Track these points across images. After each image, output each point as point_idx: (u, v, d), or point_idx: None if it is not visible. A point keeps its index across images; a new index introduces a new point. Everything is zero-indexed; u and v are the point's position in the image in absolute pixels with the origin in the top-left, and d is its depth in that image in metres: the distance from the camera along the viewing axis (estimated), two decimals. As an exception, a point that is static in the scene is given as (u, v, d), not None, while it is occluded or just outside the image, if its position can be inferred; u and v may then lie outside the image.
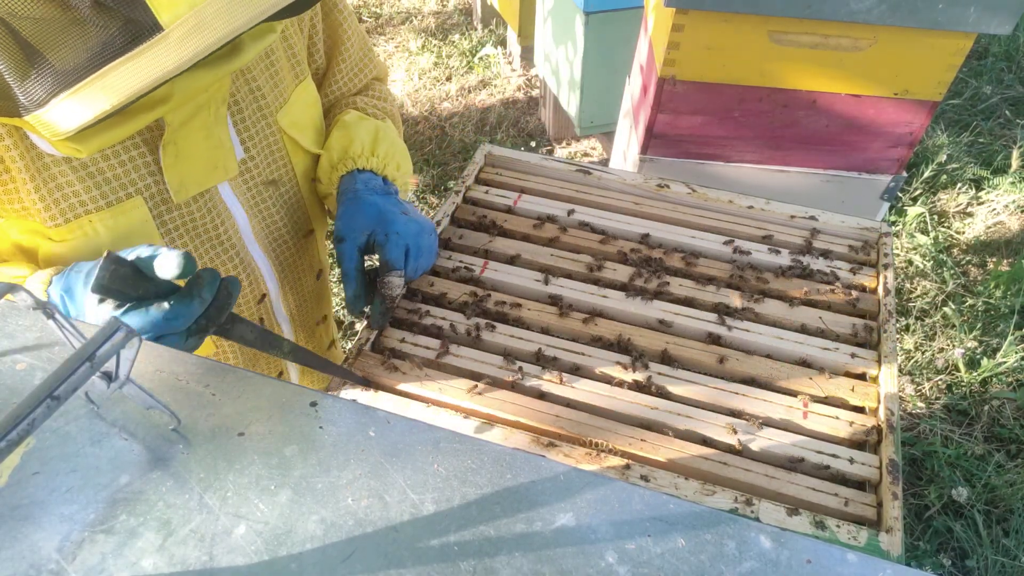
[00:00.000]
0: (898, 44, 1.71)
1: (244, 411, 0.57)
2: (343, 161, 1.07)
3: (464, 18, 4.72)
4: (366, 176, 1.06)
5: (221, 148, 0.91)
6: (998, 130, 3.65)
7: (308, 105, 1.05)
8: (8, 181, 0.80)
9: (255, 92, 0.95)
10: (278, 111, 0.99)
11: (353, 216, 1.00)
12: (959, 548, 2.20)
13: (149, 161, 0.86)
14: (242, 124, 0.95)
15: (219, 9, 0.62)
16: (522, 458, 0.55)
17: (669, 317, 1.11)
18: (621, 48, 2.92)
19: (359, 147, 1.07)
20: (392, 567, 0.47)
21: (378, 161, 1.08)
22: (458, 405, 0.98)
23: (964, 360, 2.61)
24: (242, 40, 0.82)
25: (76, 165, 0.82)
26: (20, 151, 0.78)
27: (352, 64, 1.15)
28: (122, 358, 0.50)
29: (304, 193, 1.09)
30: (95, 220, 0.85)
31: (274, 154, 1.01)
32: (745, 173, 2.04)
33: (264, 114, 0.97)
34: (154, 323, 0.71)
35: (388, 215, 1.01)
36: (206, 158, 0.89)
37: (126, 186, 0.85)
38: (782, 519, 0.86)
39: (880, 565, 0.49)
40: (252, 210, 1.00)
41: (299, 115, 1.03)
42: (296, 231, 1.10)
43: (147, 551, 0.47)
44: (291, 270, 1.12)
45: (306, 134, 1.05)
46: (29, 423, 0.43)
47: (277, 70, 0.98)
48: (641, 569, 0.48)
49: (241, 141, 0.95)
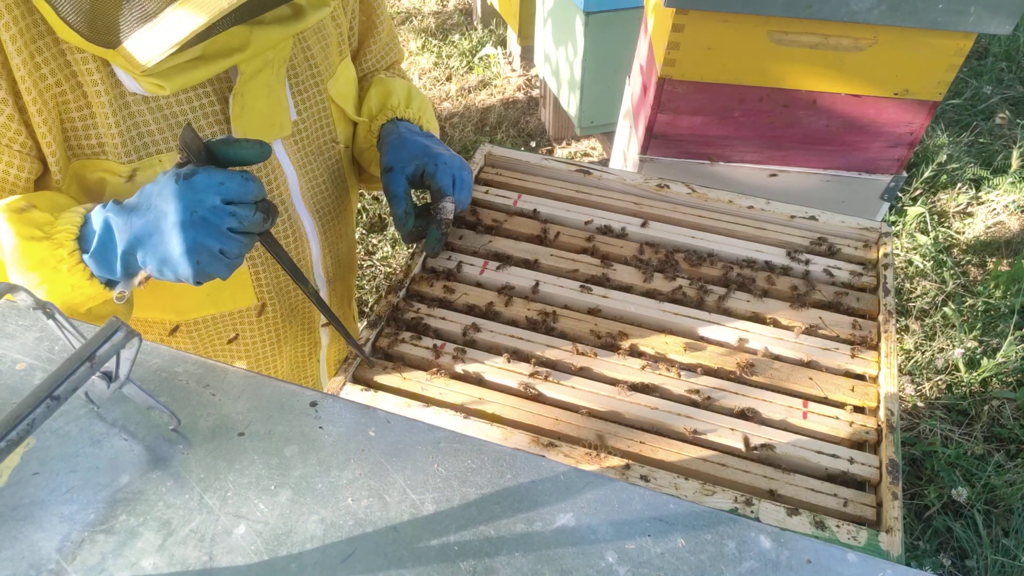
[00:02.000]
0: (898, 44, 1.71)
1: (244, 411, 0.56)
2: (383, 111, 1.16)
3: (464, 18, 4.72)
4: (405, 123, 1.15)
5: (279, 106, 0.98)
6: (998, 130, 3.65)
7: (350, 81, 1.13)
8: (89, 116, 0.86)
9: (309, 60, 1.02)
10: (328, 80, 1.06)
11: (400, 150, 1.08)
12: (959, 548, 2.20)
13: (217, 110, 0.93)
14: (297, 88, 1.02)
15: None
16: (522, 458, 0.55)
17: (668, 317, 1.11)
18: (621, 48, 2.92)
19: (396, 100, 1.17)
20: (392, 567, 0.47)
21: (413, 112, 1.17)
22: (459, 405, 0.98)
23: (964, 360, 2.61)
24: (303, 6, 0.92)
25: (154, 106, 0.89)
26: (106, 86, 0.85)
27: (381, 46, 1.23)
28: (122, 358, 0.50)
29: (344, 162, 1.17)
30: (165, 160, 0.91)
31: (322, 119, 1.08)
32: (745, 173, 2.04)
33: (316, 81, 1.04)
34: (235, 179, 0.79)
35: (433, 149, 1.09)
36: (266, 114, 0.96)
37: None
38: (782, 519, 0.86)
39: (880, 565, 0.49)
40: (301, 170, 1.07)
41: (344, 87, 1.11)
42: (338, 196, 1.17)
43: (147, 551, 0.47)
44: (331, 233, 1.18)
45: (350, 104, 1.13)
46: (29, 423, 0.43)
47: (328, 43, 1.05)
48: (641, 569, 0.48)
49: (295, 104, 1.02)
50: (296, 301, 1.20)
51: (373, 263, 3.07)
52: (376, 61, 1.24)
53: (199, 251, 0.78)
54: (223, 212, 0.78)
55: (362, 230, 3.18)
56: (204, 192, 0.77)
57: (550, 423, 0.96)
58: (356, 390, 0.99)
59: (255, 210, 0.81)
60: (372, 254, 3.10)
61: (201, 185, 0.78)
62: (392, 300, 1.12)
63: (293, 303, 1.19)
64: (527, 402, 0.99)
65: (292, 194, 1.07)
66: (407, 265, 1.17)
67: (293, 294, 1.18)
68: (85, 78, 0.84)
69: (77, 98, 0.85)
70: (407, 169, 1.07)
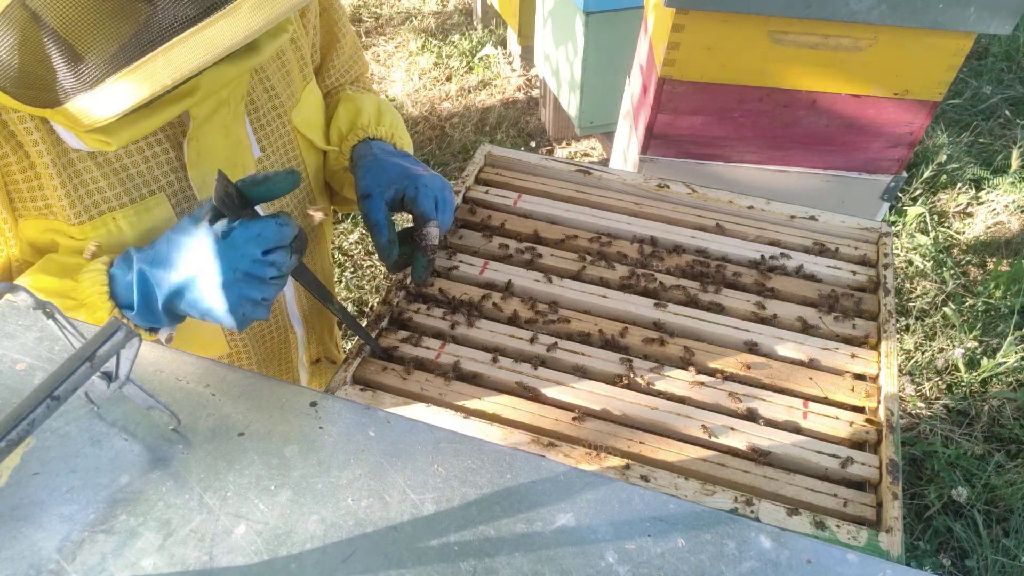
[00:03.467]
0: (898, 44, 1.71)
1: (244, 411, 0.57)
2: (353, 131, 1.09)
3: (464, 18, 4.72)
4: (378, 143, 1.08)
5: (240, 146, 0.92)
6: (998, 130, 3.65)
7: (316, 106, 1.07)
8: (33, 178, 0.81)
9: (270, 91, 0.97)
10: (291, 110, 1.01)
11: (377, 174, 1.02)
12: (959, 548, 2.20)
13: (172, 158, 0.87)
14: (258, 123, 0.96)
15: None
16: (522, 458, 0.55)
17: (668, 317, 1.11)
18: (621, 48, 2.92)
19: (366, 118, 1.10)
20: (392, 567, 0.47)
21: (385, 130, 1.11)
22: (458, 405, 0.98)
23: (964, 360, 2.61)
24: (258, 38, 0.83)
25: (101, 161, 0.83)
26: (47, 146, 0.79)
27: (345, 60, 1.18)
28: (122, 358, 0.50)
29: (315, 191, 1.11)
30: (119, 217, 0.85)
31: (288, 153, 1.02)
32: (745, 173, 2.04)
33: (279, 113, 0.99)
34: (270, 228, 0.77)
35: (412, 171, 1.03)
36: (226, 155, 0.90)
37: (150, 183, 0.86)
38: (782, 519, 0.86)
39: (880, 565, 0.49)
40: (268, 208, 1.01)
41: (310, 114, 1.05)
42: (308, 229, 1.11)
43: (147, 551, 0.47)
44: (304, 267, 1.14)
45: (317, 133, 1.07)
46: (29, 423, 0.43)
47: (289, 70, 1.00)
48: (641, 569, 0.48)
49: (257, 139, 0.96)
50: (273, 346, 1.16)
51: (373, 263, 3.07)
52: (340, 75, 1.19)
53: (243, 305, 0.78)
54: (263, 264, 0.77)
55: (362, 230, 3.18)
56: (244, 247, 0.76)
57: (550, 423, 0.96)
58: (356, 390, 0.99)
59: (291, 252, 0.80)
60: (372, 254, 3.11)
61: (240, 240, 0.76)
62: (392, 300, 1.12)
63: (269, 349, 1.15)
64: (527, 402, 0.99)
65: None
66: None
67: (269, 340, 1.14)
68: (24, 137, 0.78)
69: (20, 159, 0.79)
70: (386, 194, 1.00)
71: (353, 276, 3.00)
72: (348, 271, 3.01)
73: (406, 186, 1.00)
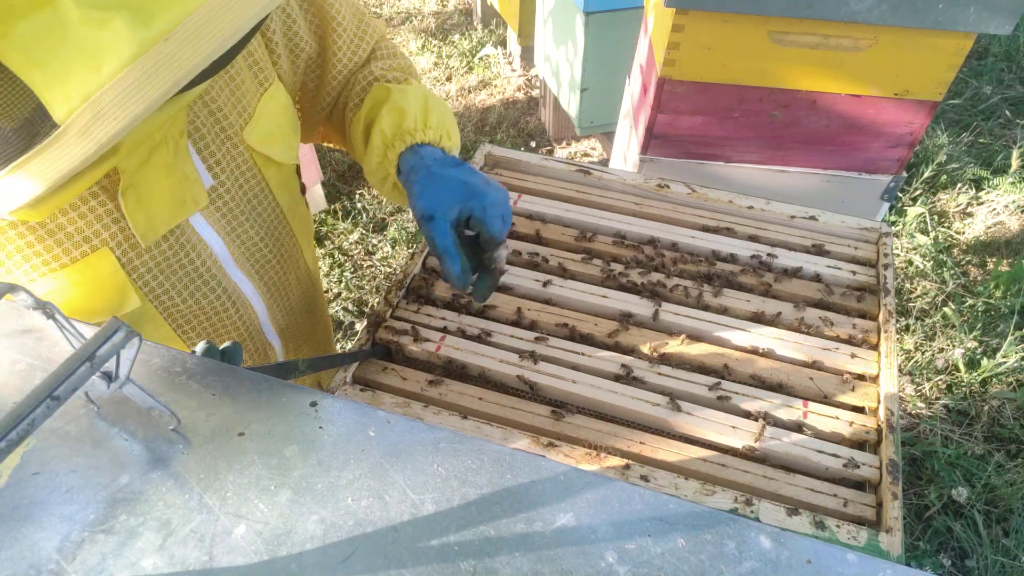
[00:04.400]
0: (898, 44, 1.71)
1: (244, 411, 0.56)
2: (398, 137, 0.99)
3: (464, 18, 4.72)
4: (427, 150, 0.98)
5: (186, 181, 0.84)
6: (998, 130, 3.65)
7: (276, 114, 0.97)
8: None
9: (216, 115, 0.88)
10: (243, 129, 0.92)
11: (436, 192, 0.93)
12: (959, 548, 2.20)
13: (111, 208, 0.79)
14: (207, 151, 0.87)
15: (118, 97, 0.56)
16: (522, 458, 0.55)
17: (668, 317, 1.11)
18: (621, 48, 2.92)
19: (412, 121, 0.99)
20: (392, 567, 0.47)
21: (433, 133, 1.00)
22: (458, 405, 0.98)
23: (964, 360, 2.61)
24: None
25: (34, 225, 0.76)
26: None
27: (350, 38, 1.05)
28: (122, 358, 0.50)
29: (283, 206, 1.03)
30: (60, 278, 0.80)
31: (244, 174, 0.94)
32: (745, 173, 2.04)
33: (228, 135, 0.90)
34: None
35: (476, 187, 0.93)
36: (171, 195, 0.83)
37: (90, 239, 0.79)
38: (782, 519, 0.86)
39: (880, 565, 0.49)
40: (229, 236, 0.94)
41: (267, 127, 0.95)
42: (278, 247, 1.04)
43: (147, 551, 0.47)
44: (278, 286, 1.07)
45: (276, 146, 0.97)
46: (29, 423, 0.43)
47: (238, 84, 0.90)
48: (641, 569, 0.48)
49: (208, 168, 0.88)
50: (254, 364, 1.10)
51: (373, 263, 3.07)
52: (351, 55, 1.06)
53: None
54: None
55: (362, 230, 3.18)
56: None
57: (550, 423, 0.96)
58: (356, 390, 0.99)
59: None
60: (372, 254, 3.11)
61: None
62: (392, 300, 1.12)
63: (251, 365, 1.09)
64: (527, 402, 0.99)
65: (223, 264, 0.94)
66: (407, 265, 1.17)
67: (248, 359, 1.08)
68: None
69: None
70: (450, 215, 0.91)
71: (353, 276, 3.00)
72: (348, 271, 3.01)
73: (472, 206, 0.92)
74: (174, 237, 0.86)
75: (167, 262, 0.86)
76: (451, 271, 0.92)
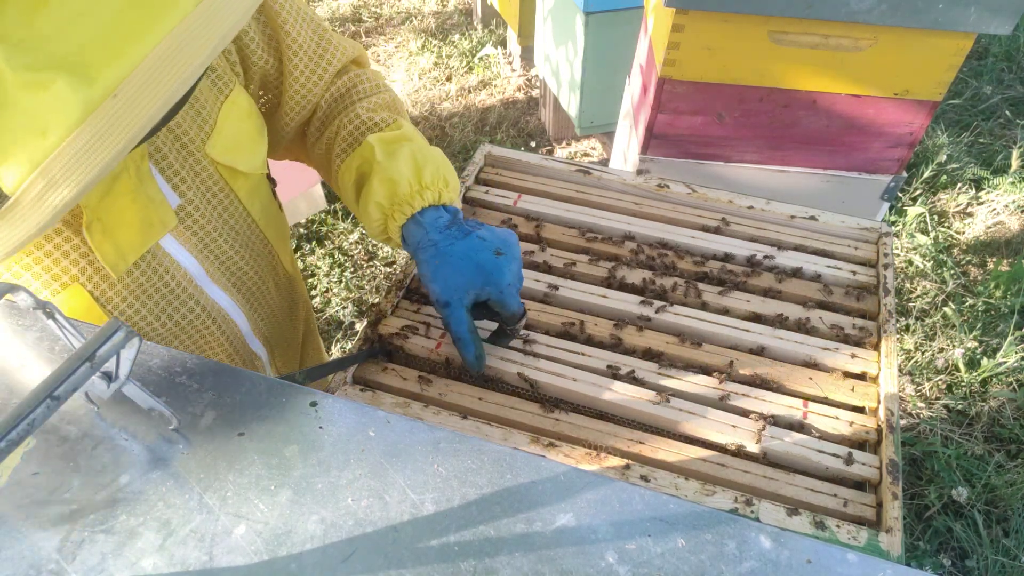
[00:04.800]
0: (898, 44, 1.71)
1: (244, 411, 0.57)
2: (396, 207, 0.95)
3: (464, 18, 4.72)
4: (429, 217, 0.95)
5: (152, 204, 0.81)
6: (998, 130, 3.65)
7: (240, 120, 0.93)
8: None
9: (175, 131, 0.85)
10: (206, 143, 0.88)
11: (448, 276, 0.92)
12: (959, 548, 2.20)
13: (77, 243, 0.76)
14: (170, 170, 0.85)
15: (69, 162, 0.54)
16: (522, 458, 0.55)
17: (668, 316, 1.11)
18: (621, 48, 2.92)
19: (406, 186, 0.95)
20: (392, 567, 0.47)
21: (432, 194, 0.96)
22: (458, 405, 0.98)
23: (964, 360, 2.61)
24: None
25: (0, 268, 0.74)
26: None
27: (308, 56, 0.99)
28: (122, 358, 0.50)
29: (254, 214, 1.00)
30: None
31: (211, 189, 0.91)
32: (745, 173, 2.04)
33: (191, 151, 0.87)
34: None
35: (489, 267, 0.92)
36: (139, 220, 0.80)
37: (59, 276, 0.77)
38: (782, 519, 0.86)
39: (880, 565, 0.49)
40: (202, 253, 0.92)
41: (231, 136, 0.92)
42: (253, 256, 1.02)
43: (147, 551, 0.47)
44: (256, 296, 1.05)
45: (241, 155, 0.94)
46: (29, 423, 0.43)
47: (196, 97, 0.87)
48: (641, 569, 0.48)
49: (174, 187, 0.85)
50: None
51: (373, 264, 3.07)
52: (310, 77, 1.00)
53: None
54: None
55: (362, 230, 3.18)
56: None
57: (550, 423, 0.96)
58: (356, 390, 0.99)
59: None
60: (372, 254, 3.11)
61: None
62: (392, 300, 1.12)
63: None
64: (527, 402, 0.99)
65: (198, 282, 0.92)
66: (407, 265, 1.17)
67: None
68: None
69: None
70: (465, 300, 0.91)
71: (353, 276, 3.00)
72: (348, 271, 3.01)
73: (488, 291, 0.92)
74: (145, 263, 0.84)
75: (141, 288, 0.84)
76: (467, 358, 0.95)
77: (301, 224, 3.18)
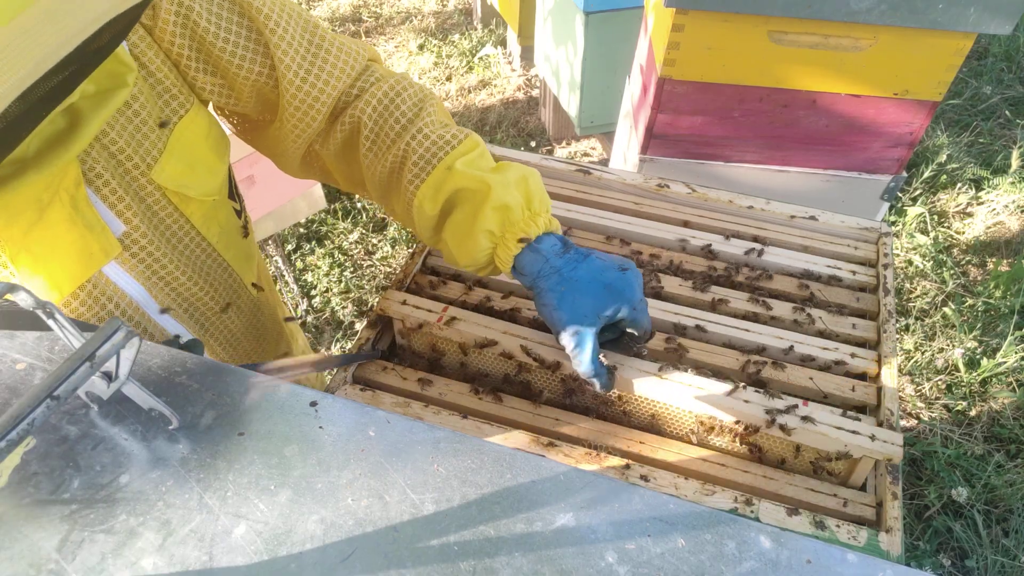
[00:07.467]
0: (898, 44, 1.71)
1: (244, 411, 0.57)
2: (509, 231, 0.90)
3: (464, 18, 4.72)
4: (546, 244, 0.91)
5: (91, 232, 0.77)
6: (998, 130, 3.65)
7: (195, 143, 0.87)
8: None
9: (117, 156, 0.79)
10: (152, 168, 0.82)
11: (577, 301, 0.88)
12: (959, 548, 2.20)
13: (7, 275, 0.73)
14: (113, 196, 0.79)
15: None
16: (522, 458, 0.55)
17: (668, 316, 1.11)
18: (621, 48, 2.92)
19: (518, 212, 0.90)
20: (392, 567, 0.47)
21: (543, 220, 0.92)
22: (458, 405, 0.98)
23: (964, 360, 2.61)
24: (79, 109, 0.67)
25: None
26: None
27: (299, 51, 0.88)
28: (122, 358, 0.50)
29: (211, 239, 0.95)
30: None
31: (158, 215, 0.86)
32: (745, 173, 2.04)
33: (134, 176, 0.81)
34: None
35: (619, 285, 0.89)
36: (76, 249, 0.76)
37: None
38: (782, 519, 0.86)
39: (880, 565, 0.49)
40: (150, 280, 0.87)
41: (184, 159, 0.86)
42: (209, 282, 0.97)
43: (147, 551, 0.47)
44: (213, 322, 1.01)
45: (194, 180, 0.88)
46: (29, 423, 0.43)
47: (143, 120, 0.80)
48: (641, 569, 0.48)
49: (118, 213, 0.80)
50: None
51: (373, 263, 3.07)
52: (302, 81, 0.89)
53: None
54: None
55: (362, 229, 3.18)
56: None
57: (550, 423, 0.96)
58: (356, 390, 0.99)
59: None
60: (372, 254, 3.11)
61: None
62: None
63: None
64: (527, 402, 0.99)
65: (145, 310, 0.87)
66: (407, 264, 1.17)
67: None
68: None
69: None
70: (596, 324, 0.88)
71: (353, 276, 3.00)
72: (348, 271, 3.01)
73: (621, 308, 0.89)
74: (85, 292, 0.80)
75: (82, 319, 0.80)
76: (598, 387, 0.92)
77: (301, 224, 3.18)
